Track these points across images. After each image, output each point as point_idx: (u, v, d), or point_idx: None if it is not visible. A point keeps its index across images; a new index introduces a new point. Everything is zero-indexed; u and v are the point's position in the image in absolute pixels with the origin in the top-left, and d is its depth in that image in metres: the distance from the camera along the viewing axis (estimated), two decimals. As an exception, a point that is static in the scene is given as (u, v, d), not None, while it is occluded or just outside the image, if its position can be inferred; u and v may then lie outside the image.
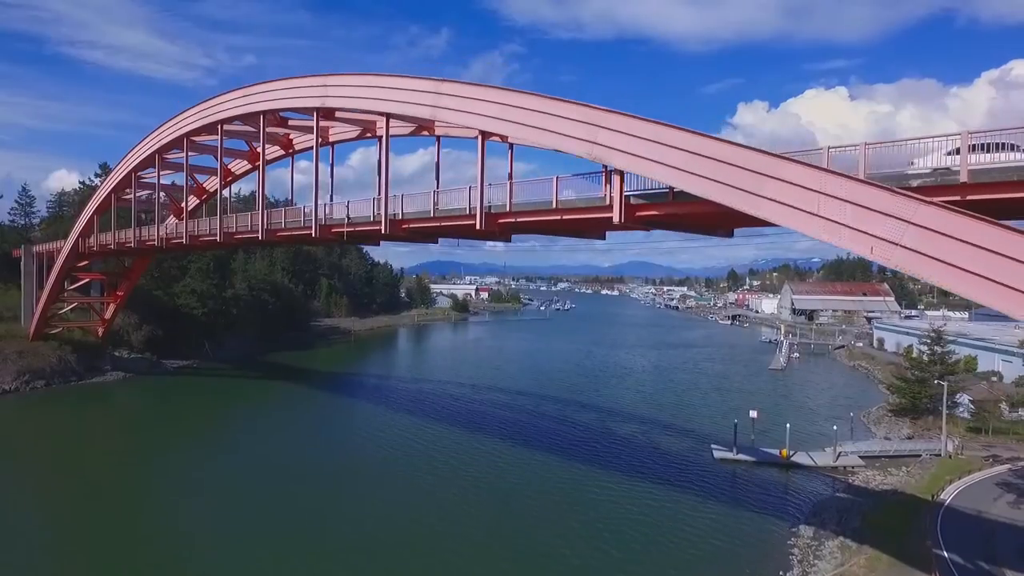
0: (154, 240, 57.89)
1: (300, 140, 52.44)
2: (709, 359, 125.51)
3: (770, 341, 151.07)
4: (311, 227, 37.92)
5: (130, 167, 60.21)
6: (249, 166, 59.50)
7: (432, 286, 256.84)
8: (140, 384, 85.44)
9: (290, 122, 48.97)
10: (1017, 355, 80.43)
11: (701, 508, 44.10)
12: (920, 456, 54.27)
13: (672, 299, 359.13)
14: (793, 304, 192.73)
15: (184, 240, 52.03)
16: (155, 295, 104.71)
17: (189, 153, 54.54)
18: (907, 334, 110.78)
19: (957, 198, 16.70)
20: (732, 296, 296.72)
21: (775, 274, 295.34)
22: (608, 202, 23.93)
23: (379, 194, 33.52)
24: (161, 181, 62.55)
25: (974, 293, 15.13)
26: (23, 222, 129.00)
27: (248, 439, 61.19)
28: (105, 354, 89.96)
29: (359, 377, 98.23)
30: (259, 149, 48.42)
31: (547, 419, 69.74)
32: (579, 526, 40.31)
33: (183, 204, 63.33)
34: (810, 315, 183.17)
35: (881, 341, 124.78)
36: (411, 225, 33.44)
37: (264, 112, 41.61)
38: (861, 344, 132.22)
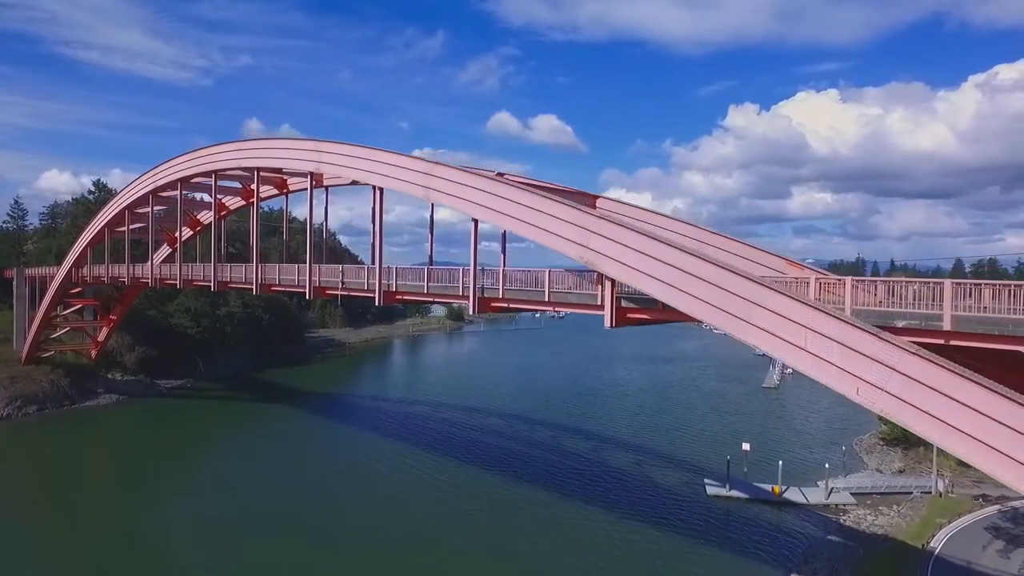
0: (148, 279, 57.88)
1: (294, 182, 52.43)
2: (703, 375, 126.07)
3: (764, 355, 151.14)
4: (305, 288, 38.19)
5: (124, 204, 60.25)
6: (243, 202, 59.43)
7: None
8: (133, 407, 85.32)
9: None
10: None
11: (696, 551, 44.63)
12: (911, 494, 54.75)
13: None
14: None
15: (178, 283, 52.12)
16: (149, 314, 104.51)
17: (183, 191, 54.60)
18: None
19: (941, 342, 17.00)
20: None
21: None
22: (600, 302, 24.17)
23: (373, 262, 33.76)
24: (155, 211, 62.59)
25: (968, 455, 15.26)
26: (15, 227, 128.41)
27: (240, 467, 61.69)
28: (98, 377, 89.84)
29: (353, 399, 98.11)
30: (253, 187, 48.55)
31: (542, 448, 70.00)
32: (573, 568, 40.88)
33: (177, 234, 63.43)
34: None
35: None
36: (404, 296, 33.78)
37: (259, 168, 41.73)
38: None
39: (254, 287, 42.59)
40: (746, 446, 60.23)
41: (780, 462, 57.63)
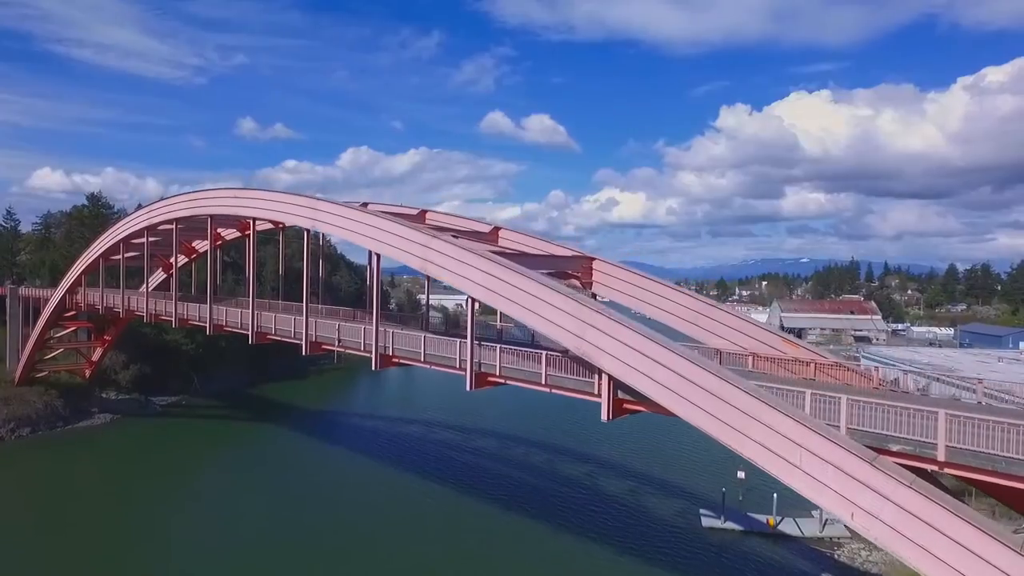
0: (142, 312, 57.79)
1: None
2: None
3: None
4: (301, 341, 38.25)
5: (119, 237, 60.11)
6: (239, 234, 59.30)
7: (422, 297, 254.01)
8: (128, 427, 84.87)
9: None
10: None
11: (691, 587, 44.99)
12: (905, 527, 55.04)
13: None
14: (781, 322, 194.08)
15: (173, 322, 52.08)
16: (143, 331, 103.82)
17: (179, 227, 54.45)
18: (893, 366, 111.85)
19: (935, 468, 17.14)
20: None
21: (764, 283, 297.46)
22: (597, 391, 24.27)
23: (369, 323, 33.80)
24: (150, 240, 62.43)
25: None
26: (8, 233, 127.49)
27: (234, 488, 61.93)
28: (92, 396, 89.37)
29: (347, 416, 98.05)
30: (248, 220, 48.32)
31: (536, 472, 70.07)
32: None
33: (172, 260, 63.24)
34: (799, 333, 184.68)
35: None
36: (400, 360, 33.90)
37: (254, 218, 41.72)
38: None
39: (250, 336, 42.62)
40: (741, 474, 60.17)
41: (775, 494, 57.72)
